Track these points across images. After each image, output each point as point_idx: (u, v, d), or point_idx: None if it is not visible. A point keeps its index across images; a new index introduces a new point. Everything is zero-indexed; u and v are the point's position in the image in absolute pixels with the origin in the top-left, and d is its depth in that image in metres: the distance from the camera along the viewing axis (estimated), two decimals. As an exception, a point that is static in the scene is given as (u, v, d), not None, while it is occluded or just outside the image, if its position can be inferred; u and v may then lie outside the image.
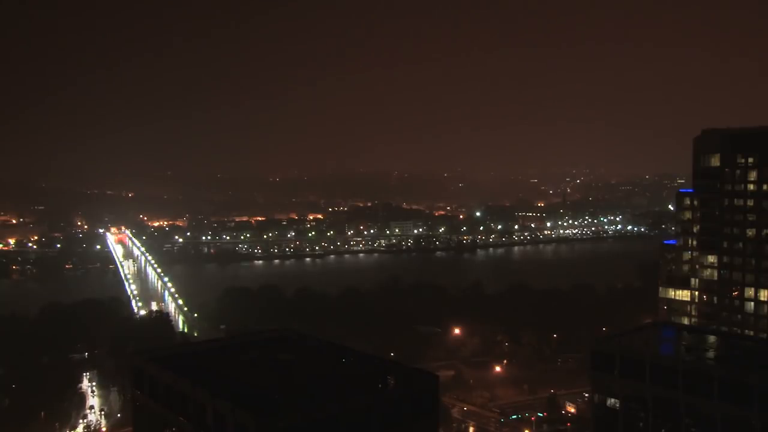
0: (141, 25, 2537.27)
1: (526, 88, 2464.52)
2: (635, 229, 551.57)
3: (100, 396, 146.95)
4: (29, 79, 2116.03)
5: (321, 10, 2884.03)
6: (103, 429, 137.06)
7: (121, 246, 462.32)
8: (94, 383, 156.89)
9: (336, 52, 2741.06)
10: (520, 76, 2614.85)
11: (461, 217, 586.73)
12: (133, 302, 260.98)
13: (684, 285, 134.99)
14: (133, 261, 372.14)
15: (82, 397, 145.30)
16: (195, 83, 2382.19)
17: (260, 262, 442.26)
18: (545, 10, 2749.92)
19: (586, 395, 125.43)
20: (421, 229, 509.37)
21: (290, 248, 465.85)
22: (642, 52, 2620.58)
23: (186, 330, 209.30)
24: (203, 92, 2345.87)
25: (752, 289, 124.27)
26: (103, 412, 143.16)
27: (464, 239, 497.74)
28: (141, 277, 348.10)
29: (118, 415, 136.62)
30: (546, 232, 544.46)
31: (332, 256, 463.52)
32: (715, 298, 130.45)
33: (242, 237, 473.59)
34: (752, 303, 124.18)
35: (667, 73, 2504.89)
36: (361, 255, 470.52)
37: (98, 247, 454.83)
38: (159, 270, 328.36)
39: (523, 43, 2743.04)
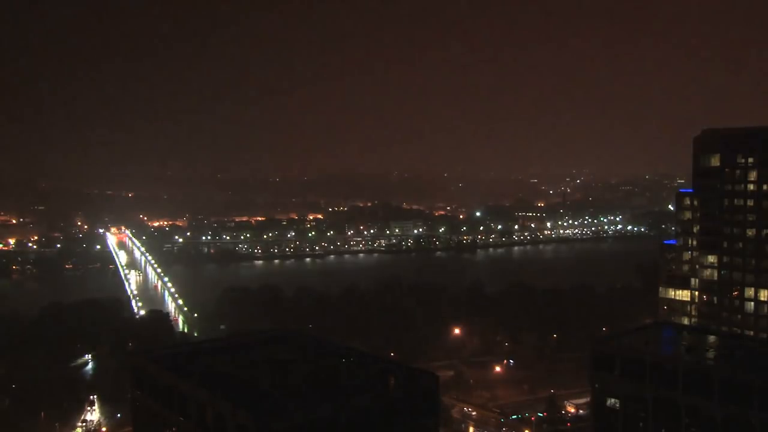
0: (143, 25, 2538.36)
1: (527, 88, 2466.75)
2: (635, 229, 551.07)
3: (100, 396, 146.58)
4: (30, 79, 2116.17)
5: (320, 12, 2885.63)
6: (103, 429, 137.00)
7: (121, 246, 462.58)
8: (94, 383, 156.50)
9: (336, 53, 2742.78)
10: (520, 77, 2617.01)
11: (461, 217, 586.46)
12: (133, 302, 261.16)
13: (684, 285, 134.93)
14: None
15: (82, 398, 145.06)
16: (195, 84, 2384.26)
17: (260, 262, 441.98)
18: (544, 11, 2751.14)
19: (587, 395, 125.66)
20: (421, 229, 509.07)
21: (290, 248, 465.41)
22: (642, 52, 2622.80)
23: (186, 330, 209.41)
24: (203, 93, 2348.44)
25: (752, 289, 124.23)
26: (103, 412, 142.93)
27: (464, 239, 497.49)
28: (141, 277, 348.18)
29: (118, 415, 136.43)
30: (546, 232, 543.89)
31: (332, 256, 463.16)
32: (715, 298, 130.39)
33: (242, 237, 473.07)
34: (752, 303, 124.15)
35: (668, 73, 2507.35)
36: (361, 255, 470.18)
37: (98, 247, 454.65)
38: (159, 270, 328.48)
39: (523, 43, 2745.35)
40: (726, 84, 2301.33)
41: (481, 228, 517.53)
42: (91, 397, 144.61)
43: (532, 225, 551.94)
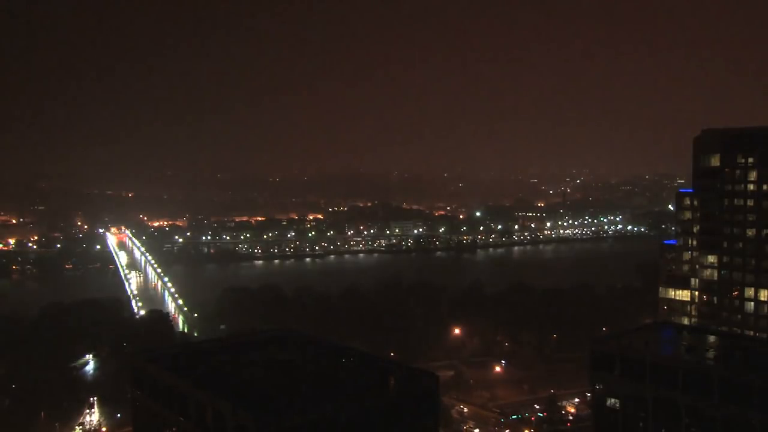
0: (143, 26, 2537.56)
1: (527, 88, 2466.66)
2: (635, 229, 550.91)
3: (100, 396, 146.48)
4: (30, 79, 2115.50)
5: (321, 12, 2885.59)
6: (103, 429, 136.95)
7: (121, 246, 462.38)
8: (94, 384, 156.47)
9: (337, 53, 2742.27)
10: (520, 77, 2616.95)
11: (461, 217, 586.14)
12: (133, 302, 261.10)
13: (684, 285, 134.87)
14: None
15: (82, 398, 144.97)
16: (195, 84, 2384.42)
17: (260, 262, 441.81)
18: (544, 11, 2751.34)
19: (587, 395, 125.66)
20: (421, 229, 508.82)
21: (290, 248, 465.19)
22: (642, 52, 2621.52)
23: (186, 330, 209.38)
24: (204, 93, 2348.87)
25: (752, 289, 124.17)
26: (103, 413, 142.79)
27: (464, 239, 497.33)
28: (141, 277, 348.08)
29: (118, 415, 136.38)
30: (546, 232, 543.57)
31: (332, 256, 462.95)
32: (715, 298, 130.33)
33: (242, 237, 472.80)
34: (752, 303, 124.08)
35: (668, 73, 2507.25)
36: (361, 255, 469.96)
37: (98, 247, 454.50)
38: (159, 270, 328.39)
39: (523, 43, 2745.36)
40: (726, 84, 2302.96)
41: (481, 228, 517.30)
42: (91, 399, 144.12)
43: (532, 225, 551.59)
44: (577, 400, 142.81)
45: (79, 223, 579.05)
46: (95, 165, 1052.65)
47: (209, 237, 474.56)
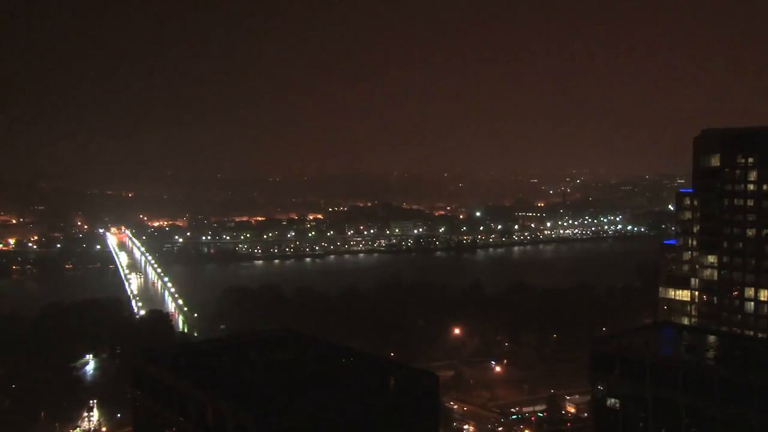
0: (144, 25, 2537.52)
1: (527, 88, 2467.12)
2: (635, 229, 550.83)
3: (99, 397, 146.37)
4: (31, 79, 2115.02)
5: (321, 12, 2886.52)
6: (103, 429, 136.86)
7: (122, 246, 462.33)
8: (94, 384, 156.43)
9: (337, 53, 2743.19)
10: (520, 77, 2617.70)
11: (461, 217, 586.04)
12: (133, 302, 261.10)
13: (684, 285, 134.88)
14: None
15: (82, 398, 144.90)
16: (195, 85, 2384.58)
17: (260, 262, 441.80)
18: (544, 11, 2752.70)
19: (585, 395, 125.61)
20: (421, 229, 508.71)
21: (290, 248, 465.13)
22: (642, 52, 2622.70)
23: (186, 330, 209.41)
24: (203, 93, 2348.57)
25: (752, 289, 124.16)
26: (102, 414, 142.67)
27: (464, 239, 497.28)
28: (141, 277, 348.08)
29: (118, 415, 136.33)
30: (546, 232, 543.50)
31: (332, 256, 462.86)
32: (715, 298, 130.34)
33: (242, 237, 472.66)
34: (752, 303, 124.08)
35: (668, 73, 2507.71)
36: (361, 255, 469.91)
37: (98, 247, 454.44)
38: (159, 270, 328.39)
39: (522, 44, 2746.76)
40: (726, 84, 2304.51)
41: (481, 228, 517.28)
42: (91, 402, 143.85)
43: (532, 225, 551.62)
44: (578, 400, 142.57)
45: (79, 223, 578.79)
46: (95, 165, 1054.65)
47: (209, 237, 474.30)
